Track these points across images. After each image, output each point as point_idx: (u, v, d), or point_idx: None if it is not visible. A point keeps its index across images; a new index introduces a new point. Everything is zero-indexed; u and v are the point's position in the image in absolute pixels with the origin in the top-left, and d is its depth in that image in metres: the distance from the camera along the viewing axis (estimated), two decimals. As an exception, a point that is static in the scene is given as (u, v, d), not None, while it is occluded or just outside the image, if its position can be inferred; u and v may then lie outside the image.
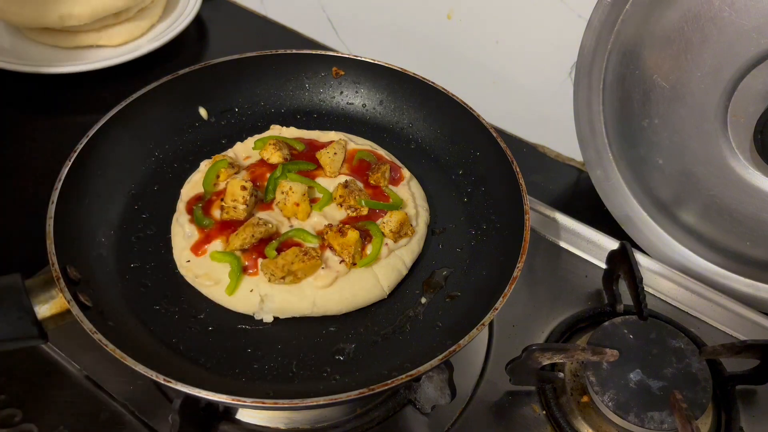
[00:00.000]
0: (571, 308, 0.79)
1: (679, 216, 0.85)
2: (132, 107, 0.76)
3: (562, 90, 0.97)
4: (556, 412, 0.69)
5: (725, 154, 0.76)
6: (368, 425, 0.68)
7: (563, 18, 0.91)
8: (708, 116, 0.75)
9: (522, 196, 0.71)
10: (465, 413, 0.70)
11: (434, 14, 1.04)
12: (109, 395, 0.68)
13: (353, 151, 0.80)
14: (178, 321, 0.66)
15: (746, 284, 0.84)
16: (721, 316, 0.81)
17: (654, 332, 0.71)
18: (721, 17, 0.71)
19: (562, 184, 1.02)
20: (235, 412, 0.68)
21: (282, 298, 0.67)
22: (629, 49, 0.79)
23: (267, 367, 0.63)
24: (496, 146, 0.77)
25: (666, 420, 0.64)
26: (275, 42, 1.20)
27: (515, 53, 1.00)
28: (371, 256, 0.70)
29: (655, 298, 0.82)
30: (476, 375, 0.73)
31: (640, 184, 0.87)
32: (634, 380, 0.67)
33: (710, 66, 0.73)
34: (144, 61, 1.05)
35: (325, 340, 0.66)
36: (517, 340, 0.76)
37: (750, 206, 0.77)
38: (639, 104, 0.81)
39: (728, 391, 0.71)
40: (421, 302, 0.70)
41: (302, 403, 0.54)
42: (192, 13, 1.14)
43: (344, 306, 0.68)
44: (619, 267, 0.78)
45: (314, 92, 0.90)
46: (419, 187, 0.80)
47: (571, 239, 0.87)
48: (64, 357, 0.70)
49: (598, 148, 0.88)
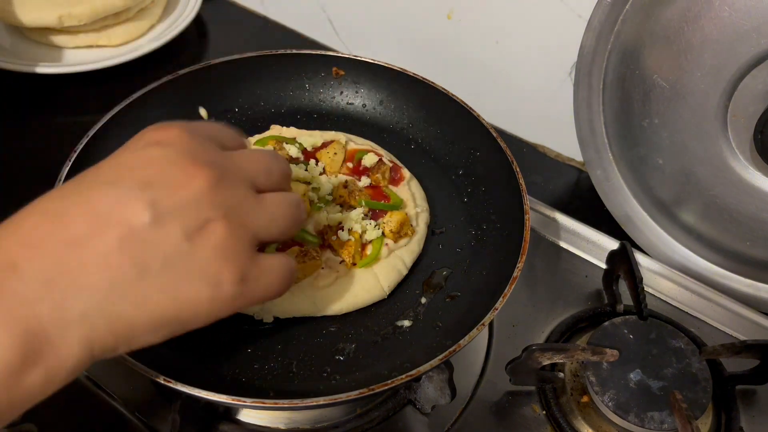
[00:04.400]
0: (571, 308, 0.79)
1: (679, 216, 0.85)
2: (132, 107, 0.76)
3: (562, 90, 0.97)
4: (556, 412, 0.69)
5: (725, 154, 0.76)
6: (368, 425, 0.68)
7: (563, 18, 0.91)
8: (708, 116, 0.75)
9: (522, 196, 0.71)
10: (465, 413, 0.70)
11: (434, 14, 1.04)
12: (109, 395, 0.68)
13: (353, 151, 0.80)
14: (178, 321, 0.66)
15: (746, 284, 0.84)
16: (721, 316, 0.81)
17: (654, 332, 0.71)
18: (721, 17, 0.71)
19: (562, 184, 1.02)
20: (235, 412, 0.68)
21: (282, 298, 0.67)
22: (629, 49, 0.79)
23: (267, 367, 0.63)
24: (496, 146, 0.77)
25: (666, 420, 0.64)
26: (275, 42, 1.19)
27: (515, 53, 1.00)
28: (371, 256, 0.70)
29: (655, 298, 0.82)
30: (476, 375, 0.73)
31: (640, 184, 0.87)
32: (634, 380, 0.67)
33: (710, 66, 0.73)
34: (144, 61, 1.05)
35: (325, 340, 0.66)
36: (517, 340, 0.76)
37: (750, 206, 0.77)
38: (639, 104, 0.81)
39: (728, 391, 0.71)
40: (421, 302, 0.70)
41: (302, 403, 0.54)
42: (192, 13, 1.14)
43: (344, 306, 0.68)
44: (619, 267, 0.78)
45: (314, 92, 0.90)
46: (419, 187, 0.80)
47: (571, 239, 0.87)
48: (64, 357, 0.70)
49: (598, 148, 0.88)
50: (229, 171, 0.46)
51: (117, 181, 0.42)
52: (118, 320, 0.40)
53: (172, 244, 0.41)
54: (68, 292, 0.38)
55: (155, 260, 0.41)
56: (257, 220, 0.47)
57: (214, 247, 0.43)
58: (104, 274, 0.39)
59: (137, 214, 0.41)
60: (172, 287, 0.42)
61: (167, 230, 0.41)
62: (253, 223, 0.46)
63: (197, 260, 0.42)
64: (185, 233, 0.42)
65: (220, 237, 0.43)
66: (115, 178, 0.43)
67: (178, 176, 0.43)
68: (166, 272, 0.41)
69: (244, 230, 0.45)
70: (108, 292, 0.39)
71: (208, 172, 0.44)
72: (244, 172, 0.48)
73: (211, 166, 0.44)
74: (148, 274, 0.41)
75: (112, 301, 0.40)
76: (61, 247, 0.39)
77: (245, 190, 0.47)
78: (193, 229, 0.42)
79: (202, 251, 0.42)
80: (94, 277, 0.39)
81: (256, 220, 0.47)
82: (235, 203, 0.45)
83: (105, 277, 0.39)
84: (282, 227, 0.49)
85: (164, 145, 0.45)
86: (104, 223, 0.40)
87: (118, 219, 0.40)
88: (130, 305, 0.40)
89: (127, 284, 0.40)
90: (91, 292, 0.39)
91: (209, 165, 0.44)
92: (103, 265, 0.39)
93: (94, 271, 0.39)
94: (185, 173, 0.43)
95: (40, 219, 0.41)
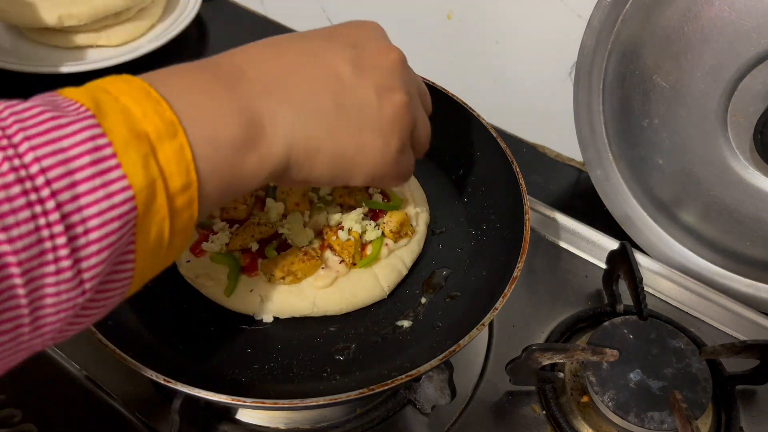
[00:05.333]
0: (571, 308, 0.79)
1: (679, 216, 0.85)
2: (132, 107, 0.76)
3: (562, 90, 0.97)
4: (556, 412, 0.69)
5: (725, 154, 0.76)
6: (368, 425, 0.68)
7: (563, 18, 0.91)
8: (708, 116, 0.75)
9: (522, 196, 0.71)
10: (465, 413, 0.70)
11: (434, 14, 1.04)
12: (109, 395, 0.68)
13: (353, 151, 0.80)
14: (178, 321, 0.66)
15: (746, 284, 0.84)
16: (721, 316, 0.81)
17: (654, 332, 0.71)
18: (721, 17, 0.71)
19: (562, 184, 1.02)
20: (235, 412, 0.68)
21: (282, 299, 0.67)
22: (629, 49, 0.79)
23: (267, 367, 0.63)
24: (496, 146, 0.77)
25: (666, 420, 0.64)
26: (275, 42, 1.19)
27: (515, 53, 1.00)
28: (371, 256, 0.70)
29: (655, 298, 0.82)
30: (476, 375, 0.73)
31: (640, 184, 0.87)
32: (634, 380, 0.67)
33: (710, 66, 0.73)
34: (144, 61, 1.05)
35: (325, 340, 0.66)
36: (517, 340, 0.76)
37: (750, 206, 0.77)
38: (639, 104, 0.81)
39: (728, 391, 0.71)
40: (421, 302, 0.70)
41: (302, 403, 0.54)
42: (192, 13, 1.14)
43: (344, 306, 0.68)
44: (619, 267, 0.78)
45: (314, 92, 0.90)
46: (419, 187, 0.80)
47: (571, 239, 0.87)
48: (64, 357, 0.70)
49: (598, 148, 0.88)
50: (409, 69, 0.56)
51: (331, 38, 0.52)
52: (311, 139, 0.47)
53: (365, 95, 0.50)
54: (282, 102, 0.46)
55: (350, 103, 0.49)
56: (419, 114, 0.56)
57: (394, 111, 0.51)
58: (311, 99, 0.48)
59: (343, 63, 0.49)
60: (357, 129, 0.50)
61: (364, 82, 0.50)
62: (417, 113, 0.56)
63: (380, 115, 0.50)
64: (376, 89, 0.50)
65: (401, 104, 0.52)
66: (329, 35, 0.53)
67: (379, 46, 0.53)
68: (356, 115, 0.49)
69: (412, 112, 0.54)
70: (311, 114, 0.47)
71: (401, 54, 0.54)
72: (417, 78, 0.58)
73: (401, 53, 0.54)
74: (343, 111, 0.49)
75: (312, 121, 0.47)
76: (279, 68, 0.48)
77: (416, 89, 0.56)
78: (383, 89, 0.51)
79: (385, 109, 0.51)
80: (303, 98, 0.47)
81: (418, 113, 0.56)
82: (412, 90, 0.55)
83: (311, 101, 0.48)
84: (425, 139, 0.59)
85: (368, 28, 0.56)
86: (317, 62, 0.49)
87: (328, 63, 0.49)
88: (324, 131, 0.48)
89: (326, 113, 0.48)
90: (298, 108, 0.47)
91: (401, 51, 0.54)
92: (311, 92, 0.48)
93: (304, 93, 0.47)
94: (385, 46, 0.54)
95: (264, 49, 0.49)
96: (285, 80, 0.47)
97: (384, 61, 0.52)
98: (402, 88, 0.52)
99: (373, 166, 0.52)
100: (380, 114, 0.50)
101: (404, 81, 0.53)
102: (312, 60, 0.49)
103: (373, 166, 0.52)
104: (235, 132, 0.43)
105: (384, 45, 0.54)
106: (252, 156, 0.44)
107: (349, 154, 0.50)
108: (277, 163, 0.46)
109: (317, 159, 0.49)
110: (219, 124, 0.42)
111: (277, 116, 0.46)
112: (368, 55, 0.51)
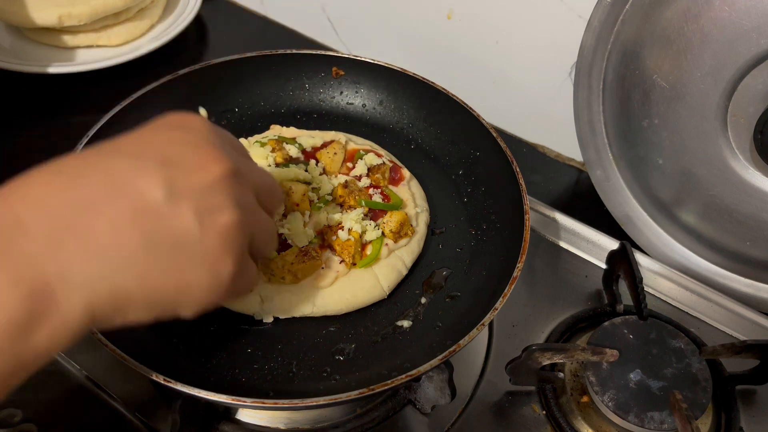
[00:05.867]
0: (571, 308, 0.79)
1: (679, 216, 0.85)
2: (132, 107, 0.76)
3: (562, 90, 0.97)
4: (556, 412, 0.69)
5: (725, 154, 0.76)
6: (368, 425, 0.68)
7: (563, 18, 0.91)
8: (708, 116, 0.75)
9: (522, 196, 0.71)
10: (465, 413, 0.70)
11: (434, 14, 1.04)
12: (109, 395, 0.68)
13: (353, 150, 0.80)
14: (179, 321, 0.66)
15: (746, 284, 0.84)
16: (721, 316, 0.81)
17: (654, 332, 0.71)
18: (721, 17, 0.71)
19: (562, 184, 1.02)
20: (235, 412, 0.68)
21: (282, 299, 0.67)
22: (629, 49, 0.79)
23: (267, 367, 0.63)
24: (496, 146, 0.77)
25: (666, 420, 0.64)
26: (275, 42, 1.19)
27: (515, 53, 1.00)
28: (371, 256, 0.70)
29: (655, 298, 0.82)
30: (476, 375, 0.73)
31: (640, 184, 0.87)
32: (634, 380, 0.67)
33: (710, 66, 0.73)
34: (144, 61, 1.05)
35: (325, 340, 0.66)
36: (517, 340, 0.76)
37: (750, 206, 0.77)
38: (639, 104, 0.81)
39: (728, 391, 0.71)
40: (421, 302, 0.70)
41: (302, 403, 0.54)
42: (192, 13, 1.14)
43: (344, 306, 0.68)
44: (619, 267, 0.78)
45: (314, 92, 0.90)
46: (419, 187, 0.80)
47: (571, 239, 0.87)
48: (64, 357, 0.70)
49: (598, 148, 0.88)
50: (242, 171, 0.46)
51: (138, 155, 0.42)
52: (118, 290, 0.40)
53: (182, 224, 0.41)
54: (76, 254, 0.38)
55: (165, 238, 0.41)
56: (256, 225, 0.48)
57: (220, 236, 0.43)
58: (113, 242, 0.39)
59: (153, 189, 0.40)
60: (176, 268, 0.42)
61: (180, 210, 0.41)
62: (254, 226, 0.47)
63: (203, 246, 0.42)
64: (197, 215, 0.42)
65: (229, 226, 0.44)
66: (136, 151, 0.43)
67: (197, 160, 0.43)
68: (173, 252, 0.41)
69: (247, 228, 0.46)
70: (114, 261, 0.39)
71: (227, 163, 0.44)
72: (254, 179, 0.49)
73: (229, 158, 0.45)
74: (156, 251, 0.40)
75: (117, 270, 0.39)
76: (71, 209, 0.39)
77: (252, 194, 0.48)
78: (205, 213, 0.42)
79: (209, 238, 0.42)
80: (103, 244, 0.39)
81: (256, 225, 0.48)
82: (245, 201, 0.46)
83: (113, 245, 0.39)
84: (267, 245, 0.51)
85: (187, 129, 0.45)
86: (120, 192, 0.40)
87: (135, 191, 0.40)
88: (133, 278, 0.40)
89: (134, 257, 0.40)
90: (97, 257, 0.39)
91: (228, 157, 0.45)
92: (114, 233, 0.39)
93: (104, 238, 0.39)
94: (205, 158, 0.44)
95: (53, 178, 0.40)
96: (77, 224, 0.38)
97: (204, 178, 0.43)
98: (230, 206, 0.44)
99: (202, 300, 0.45)
100: (204, 244, 0.42)
101: (233, 196, 0.44)
102: (113, 190, 0.40)
103: (203, 300, 0.45)
104: (11, 313, 0.35)
105: (205, 155, 0.44)
106: (41, 331, 0.37)
107: (169, 295, 0.43)
108: (77, 329, 0.39)
109: (129, 308, 0.41)
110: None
111: (70, 274, 0.37)
112: (185, 172, 0.42)
